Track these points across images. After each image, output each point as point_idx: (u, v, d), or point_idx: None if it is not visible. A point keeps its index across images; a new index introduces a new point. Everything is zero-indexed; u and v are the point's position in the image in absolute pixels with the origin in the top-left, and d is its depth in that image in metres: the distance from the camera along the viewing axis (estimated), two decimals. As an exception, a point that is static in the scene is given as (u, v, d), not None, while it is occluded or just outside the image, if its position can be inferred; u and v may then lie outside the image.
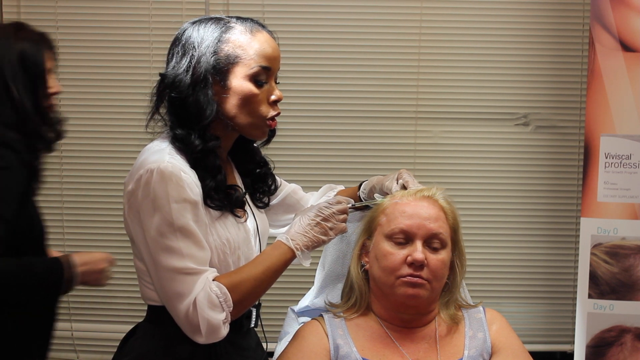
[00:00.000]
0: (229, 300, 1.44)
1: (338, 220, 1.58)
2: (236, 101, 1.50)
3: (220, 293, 1.43)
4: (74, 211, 2.91)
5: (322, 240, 1.56)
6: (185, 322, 1.43)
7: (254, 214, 1.65)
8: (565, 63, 2.79)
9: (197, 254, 1.44)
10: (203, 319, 1.41)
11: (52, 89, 1.79)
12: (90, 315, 2.95)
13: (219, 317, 1.43)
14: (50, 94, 1.79)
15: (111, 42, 2.82)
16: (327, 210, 1.58)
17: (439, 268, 1.57)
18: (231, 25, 1.52)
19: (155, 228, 1.42)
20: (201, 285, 1.42)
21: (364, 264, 1.65)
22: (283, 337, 1.77)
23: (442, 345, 1.60)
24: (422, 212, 1.58)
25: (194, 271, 1.43)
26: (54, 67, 1.82)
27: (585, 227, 2.40)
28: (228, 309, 1.44)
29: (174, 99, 1.50)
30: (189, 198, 1.43)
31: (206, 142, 1.50)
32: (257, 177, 1.70)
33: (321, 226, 1.56)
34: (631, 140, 2.36)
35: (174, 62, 1.52)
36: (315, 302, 1.78)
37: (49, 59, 1.79)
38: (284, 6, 2.78)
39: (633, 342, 2.38)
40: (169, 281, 1.43)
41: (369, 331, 1.61)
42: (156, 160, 1.44)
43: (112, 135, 2.85)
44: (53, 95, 1.80)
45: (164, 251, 1.42)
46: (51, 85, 1.79)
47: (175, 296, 1.43)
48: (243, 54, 1.50)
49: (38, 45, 1.78)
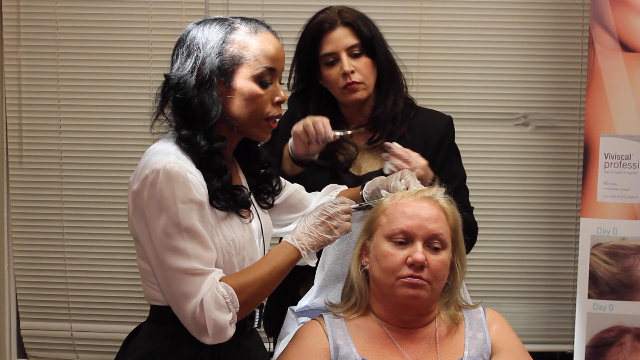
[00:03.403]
0: (236, 301, 1.44)
1: (342, 220, 1.59)
2: (241, 102, 1.51)
3: (227, 294, 1.43)
4: (74, 211, 2.91)
5: (327, 239, 1.57)
6: (192, 322, 1.43)
7: (258, 214, 1.65)
8: (565, 63, 2.80)
9: (204, 254, 1.44)
10: (210, 320, 1.41)
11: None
12: (90, 315, 2.96)
13: (225, 318, 1.43)
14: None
15: (111, 42, 2.82)
16: (332, 210, 1.58)
17: (439, 269, 1.57)
18: (236, 26, 1.52)
19: (161, 228, 1.42)
20: (208, 285, 1.42)
21: (364, 265, 1.65)
22: (283, 337, 1.77)
23: (442, 346, 1.60)
24: (422, 213, 1.58)
25: (201, 272, 1.43)
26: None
27: (585, 227, 2.40)
28: (235, 310, 1.45)
29: (179, 100, 1.50)
30: (195, 198, 1.43)
31: (212, 142, 1.50)
32: (261, 177, 1.70)
33: (326, 225, 1.57)
34: (631, 141, 2.36)
35: (178, 63, 1.52)
36: (315, 302, 1.78)
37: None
38: (284, 6, 2.78)
39: (633, 342, 2.38)
40: (175, 282, 1.43)
41: (368, 331, 1.61)
42: (162, 160, 1.44)
43: (112, 136, 2.85)
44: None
45: (171, 252, 1.42)
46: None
47: (182, 297, 1.43)
48: (248, 55, 1.50)
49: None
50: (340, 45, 1.96)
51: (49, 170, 2.90)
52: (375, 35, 2.00)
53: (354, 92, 1.97)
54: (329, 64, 1.98)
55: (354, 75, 1.95)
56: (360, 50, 1.97)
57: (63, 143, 2.89)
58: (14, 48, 2.85)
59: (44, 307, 2.96)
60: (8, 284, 2.94)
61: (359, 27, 1.97)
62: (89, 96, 2.85)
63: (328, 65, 1.98)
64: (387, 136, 2.00)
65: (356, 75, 1.96)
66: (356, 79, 1.96)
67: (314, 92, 2.06)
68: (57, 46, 2.84)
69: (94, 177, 2.88)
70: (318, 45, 1.98)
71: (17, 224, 2.93)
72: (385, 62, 2.02)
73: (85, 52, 2.83)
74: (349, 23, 1.97)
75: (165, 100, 1.53)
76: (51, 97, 2.86)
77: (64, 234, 2.92)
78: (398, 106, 2.02)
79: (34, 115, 2.89)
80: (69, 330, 2.97)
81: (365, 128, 2.03)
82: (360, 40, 1.97)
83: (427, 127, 2.04)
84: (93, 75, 2.84)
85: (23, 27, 2.84)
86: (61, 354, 3.00)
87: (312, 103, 2.06)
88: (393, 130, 2.01)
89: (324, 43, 1.97)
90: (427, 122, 2.05)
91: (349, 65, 1.95)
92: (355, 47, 1.96)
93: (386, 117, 2.01)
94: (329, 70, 1.98)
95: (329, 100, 2.05)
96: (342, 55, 1.95)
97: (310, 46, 2.00)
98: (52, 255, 2.93)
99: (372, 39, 1.98)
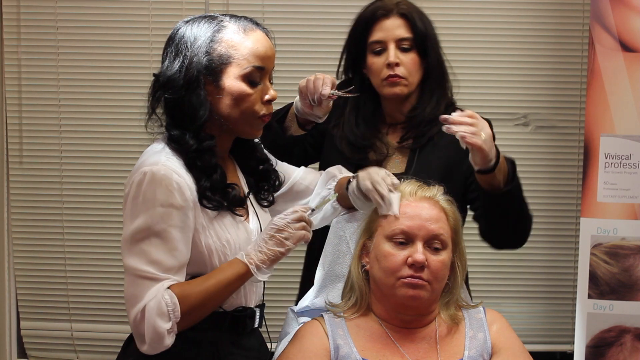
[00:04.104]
0: (177, 310, 1.42)
1: (295, 229, 1.51)
2: (229, 101, 1.50)
3: (170, 302, 1.42)
4: (74, 211, 2.91)
5: (279, 252, 1.50)
6: (133, 327, 1.43)
7: (257, 214, 1.64)
8: (565, 63, 2.79)
9: (166, 261, 1.43)
10: (149, 327, 1.40)
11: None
12: (90, 315, 2.96)
13: (164, 326, 1.41)
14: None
15: (111, 42, 2.82)
16: (281, 222, 1.51)
17: (440, 269, 1.57)
18: (224, 24, 1.51)
19: (133, 227, 1.43)
20: (154, 293, 1.41)
21: (364, 265, 1.65)
22: (283, 337, 1.77)
23: (442, 346, 1.60)
24: (423, 213, 1.58)
25: (153, 277, 1.42)
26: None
27: (585, 227, 2.39)
28: (175, 319, 1.42)
29: (168, 99, 1.49)
30: (176, 203, 1.42)
31: (201, 141, 1.49)
32: (260, 174, 1.68)
33: (275, 239, 1.50)
34: (631, 141, 2.36)
35: (167, 62, 1.51)
36: (315, 302, 1.78)
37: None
38: (283, 6, 2.78)
39: (633, 342, 2.38)
40: (128, 283, 1.44)
41: (369, 331, 1.61)
42: (152, 162, 1.44)
43: (112, 136, 2.85)
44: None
45: (133, 252, 1.43)
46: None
47: (130, 299, 1.43)
48: (236, 54, 1.48)
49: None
50: (390, 35, 1.88)
51: (49, 170, 2.90)
52: (430, 34, 1.92)
53: (394, 86, 1.89)
54: (376, 52, 1.89)
55: (398, 69, 1.87)
56: (410, 45, 1.89)
57: (63, 143, 2.89)
58: (14, 48, 2.85)
59: (44, 307, 2.96)
60: (8, 284, 2.94)
61: (414, 21, 1.89)
62: (89, 96, 2.85)
63: (374, 53, 1.90)
64: (415, 137, 1.93)
65: (400, 69, 1.87)
66: (399, 73, 1.87)
67: (356, 82, 1.96)
68: (57, 46, 2.83)
69: (94, 177, 2.88)
70: (369, 31, 1.90)
71: (17, 224, 2.93)
72: (434, 64, 1.94)
73: (85, 52, 2.83)
74: (405, 15, 1.89)
75: (155, 100, 1.53)
76: (51, 97, 2.86)
77: (64, 234, 2.92)
78: (438, 110, 1.91)
79: (34, 115, 2.89)
80: (69, 330, 2.97)
81: (400, 126, 1.94)
82: (412, 35, 1.88)
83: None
84: (93, 75, 2.84)
85: (23, 27, 2.84)
86: (61, 354, 3.00)
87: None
88: (423, 132, 1.92)
89: (374, 30, 1.89)
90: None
91: (395, 57, 1.86)
92: (406, 41, 1.88)
93: (422, 119, 1.92)
94: (374, 58, 1.90)
95: (371, 93, 1.97)
96: (390, 45, 1.87)
97: (361, 32, 1.92)
98: (52, 255, 2.93)
99: (426, 36, 1.90)
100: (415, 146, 1.93)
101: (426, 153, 1.91)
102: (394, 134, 1.98)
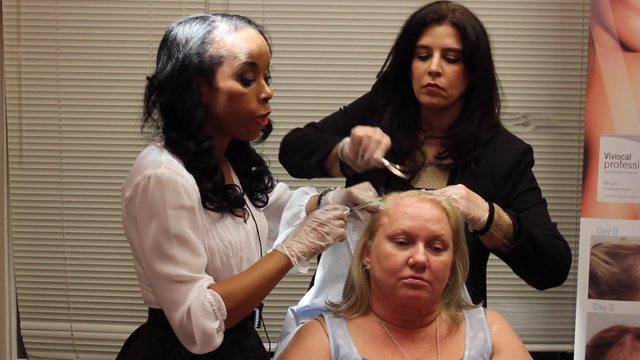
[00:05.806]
0: (223, 308, 1.43)
1: (335, 226, 1.55)
2: (224, 101, 1.48)
3: (214, 301, 1.42)
4: (74, 211, 2.91)
5: (320, 245, 1.54)
6: (179, 330, 1.43)
7: (253, 214, 1.64)
8: (565, 63, 2.79)
9: (193, 261, 1.43)
10: (197, 328, 1.40)
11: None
12: (90, 315, 2.96)
13: (212, 326, 1.42)
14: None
15: (111, 42, 2.82)
16: (323, 216, 1.55)
17: (441, 270, 1.57)
18: (215, 24, 1.49)
19: (151, 235, 1.41)
20: (195, 293, 1.41)
21: (365, 264, 1.65)
22: (283, 337, 1.77)
23: (442, 346, 1.60)
24: (424, 214, 1.58)
25: (189, 279, 1.42)
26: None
27: (585, 227, 2.40)
28: (222, 318, 1.43)
29: (162, 103, 1.48)
30: (185, 204, 1.42)
31: (199, 143, 1.48)
32: (253, 175, 1.68)
33: (317, 232, 1.54)
34: (631, 140, 2.36)
35: (160, 65, 1.49)
36: (315, 302, 1.78)
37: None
38: (283, 6, 2.78)
39: (633, 342, 2.38)
40: (163, 289, 1.43)
41: (369, 331, 1.61)
42: (153, 165, 1.43)
43: (112, 136, 2.85)
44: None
45: (159, 259, 1.42)
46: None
47: (170, 304, 1.42)
48: (227, 54, 1.47)
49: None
50: (437, 42, 1.81)
51: (49, 170, 2.90)
52: (482, 48, 1.84)
53: (432, 96, 1.83)
54: (421, 57, 1.84)
55: (438, 79, 1.81)
56: (456, 56, 1.82)
57: (63, 143, 2.89)
58: (14, 48, 2.85)
59: (44, 307, 2.96)
60: (8, 284, 2.94)
61: (465, 32, 1.81)
62: (89, 96, 2.85)
63: (420, 58, 1.85)
64: (455, 158, 1.87)
65: (441, 80, 1.81)
66: (439, 83, 1.81)
67: (401, 84, 1.92)
68: (57, 46, 2.83)
69: (94, 177, 2.88)
70: (418, 34, 1.84)
71: (17, 224, 2.93)
72: (481, 80, 1.86)
73: (85, 52, 2.83)
74: (457, 24, 1.81)
75: (151, 103, 1.51)
76: (51, 97, 2.86)
77: (64, 234, 2.92)
78: (481, 131, 1.87)
79: (34, 115, 2.89)
80: (69, 330, 2.97)
81: (439, 140, 1.89)
82: (461, 47, 1.81)
83: (498, 157, 1.88)
84: (93, 75, 2.84)
85: (23, 27, 2.84)
86: (61, 354, 3.00)
87: (397, 95, 1.93)
88: (463, 153, 1.86)
89: (424, 34, 1.83)
90: (499, 151, 1.89)
91: (438, 66, 1.80)
92: (453, 52, 1.81)
93: (463, 137, 1.86)
94: (418, 62, 1.85)
95: (413, 98, 1.90)
96: (436, 53, 1.81)
97: (411, 34, 1.86)
98: (52, 255, 2.93)
99: (476, 50, 1.82)
100: (455, 167, 1.89)
101: (465, 179, 1.83)
102: (431, 146, 1.93)
